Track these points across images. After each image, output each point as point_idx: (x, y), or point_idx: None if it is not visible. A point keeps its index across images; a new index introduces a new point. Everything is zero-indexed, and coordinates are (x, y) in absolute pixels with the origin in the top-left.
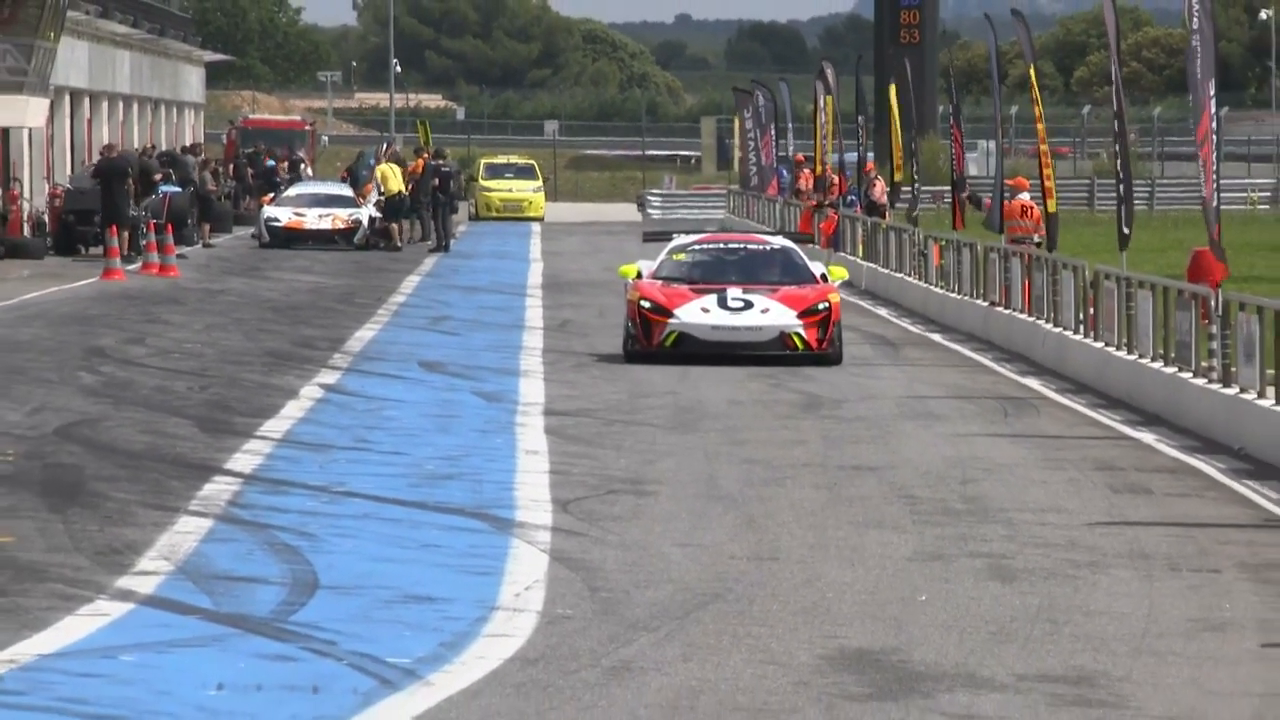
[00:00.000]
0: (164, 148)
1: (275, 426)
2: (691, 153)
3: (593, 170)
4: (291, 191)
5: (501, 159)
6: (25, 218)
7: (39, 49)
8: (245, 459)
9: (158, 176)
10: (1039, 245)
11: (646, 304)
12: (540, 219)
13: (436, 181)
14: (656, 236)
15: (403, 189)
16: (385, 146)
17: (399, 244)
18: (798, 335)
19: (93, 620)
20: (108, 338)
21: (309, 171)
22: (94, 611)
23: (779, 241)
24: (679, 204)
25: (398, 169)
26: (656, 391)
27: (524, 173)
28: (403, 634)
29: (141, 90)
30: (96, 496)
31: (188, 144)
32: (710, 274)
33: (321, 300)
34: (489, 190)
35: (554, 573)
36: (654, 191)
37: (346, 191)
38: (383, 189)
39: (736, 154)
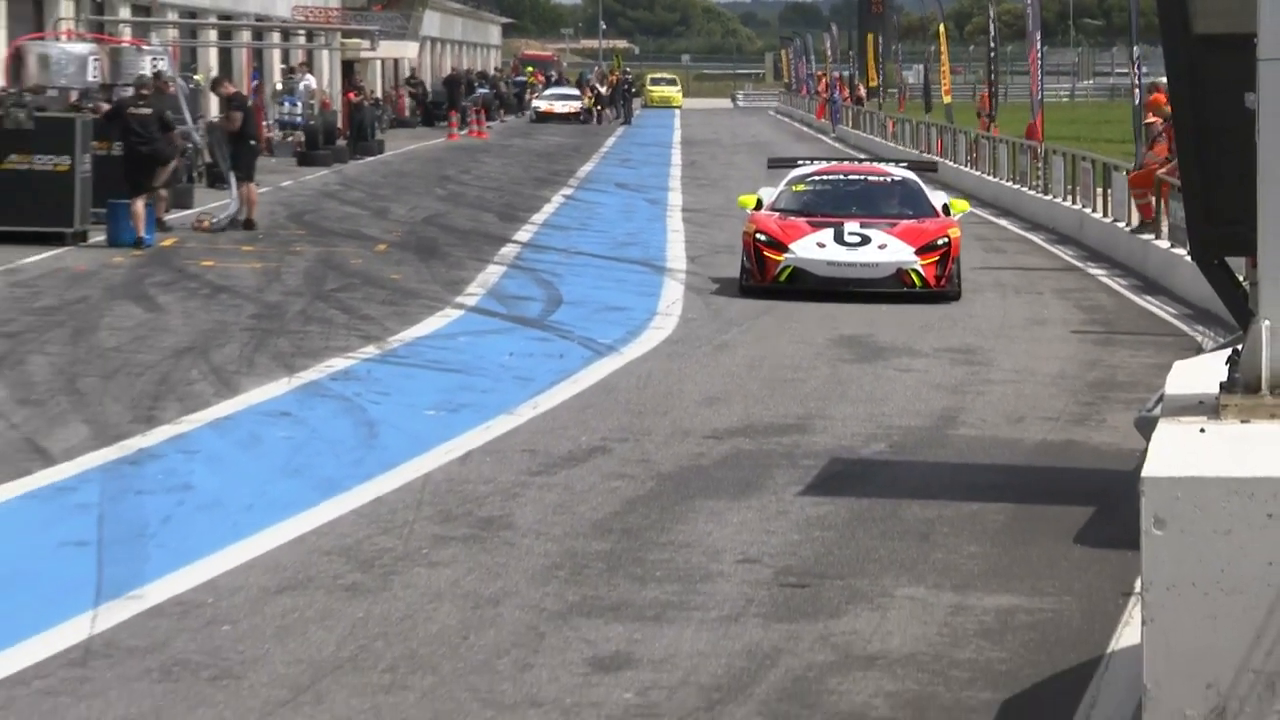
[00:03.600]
0: (479, 69)
1: (538, 217)
2: (759, 71)
3: (707, 81)
4: (546, 92)
5: (659, 75)
6: (405, 106)
7: (413, 16)
8: (523, 234)
9: (476, 84)
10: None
11: (762, 237)
12: (680, 108)
13: (626, 86)
14: (781, 163)
15: (597, 106)
16: (595, 69)
17: (601, 122)
18: (915, 272)
19: (443, 319)
20: (450, 169)
21: (552, 82)
22: (443, 315)
23: (900, 173)
24: (753, 99)
25: (602, 93)
26: None
27: (671, 83)
28: (607, 327)
29: (467, 38)
30: (444, 254)
31: (492, 68)
32: (829, 206)
33: (562, 150)
34: (652, 92)
35: (687, 296)
36: (739, 93)
37: (577, 93)
38: (588, 105)
39: (784, 73)
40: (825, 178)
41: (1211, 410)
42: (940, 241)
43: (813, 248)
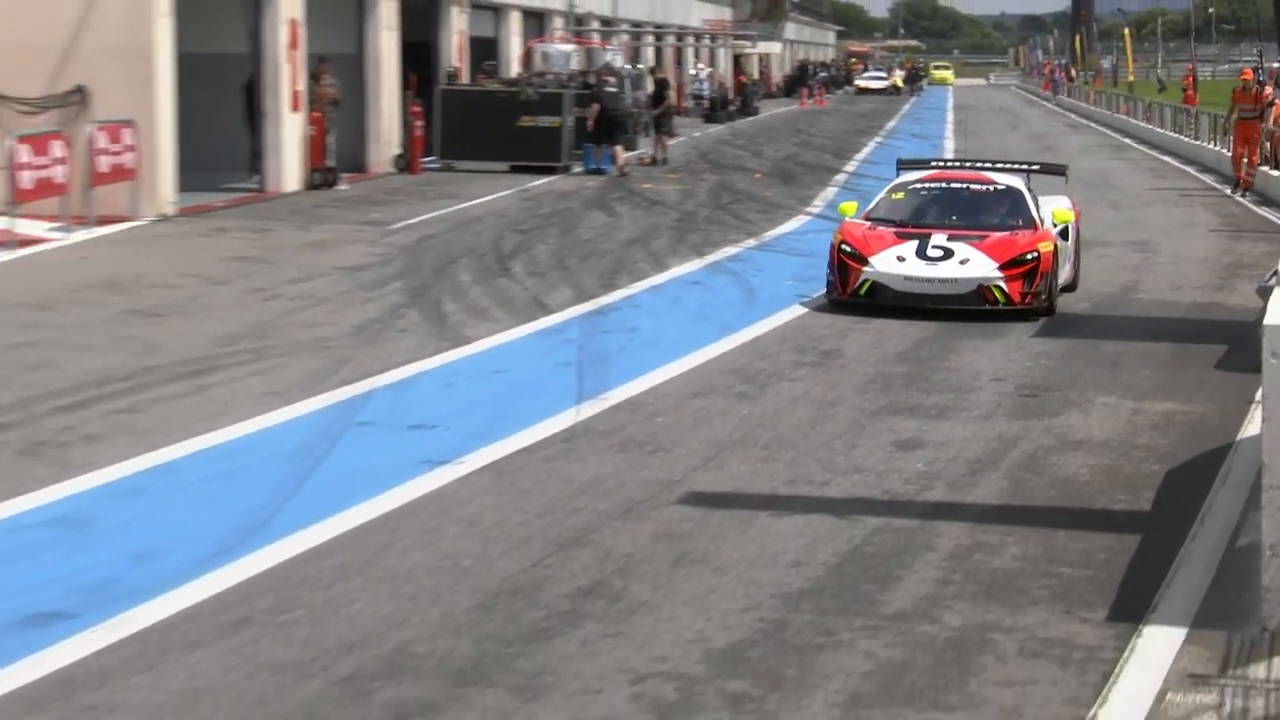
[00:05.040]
0: (820, 60)
1: (859, 156)
2: (1005, 61)
3: (970, 67)
4: (866, 73)
5: (939, 63)
6: (773, 87)
7: (778, 25)
8: (849, 166)
9: (818, 70)
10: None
11: (846, 248)
12: (952, 85)
13: (917, 71)
14: (912, 165)
15: (898, 84)
16: (898, 60)
17: (899, 94)
18: (998, 288)
19: (797, 221)
20: (801, 125)
21: (868, 68)
22: (797, 219)
23: (1006, 181)
24: (1000, 79)
25: (902, 76)
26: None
27: (946, 68)
28: None
29: (813, 40)
30: (798, 179)
31: (829, 59)
32: (922, 217)
33: (873, 114)
34: (934, 74)
35: None
36: (991, 75)
37: (885, 74)
38: (892, 83)
39: (1021, 61)
40: (926, 185)
41: None
42: (1029, 256)
43: (892, 261)
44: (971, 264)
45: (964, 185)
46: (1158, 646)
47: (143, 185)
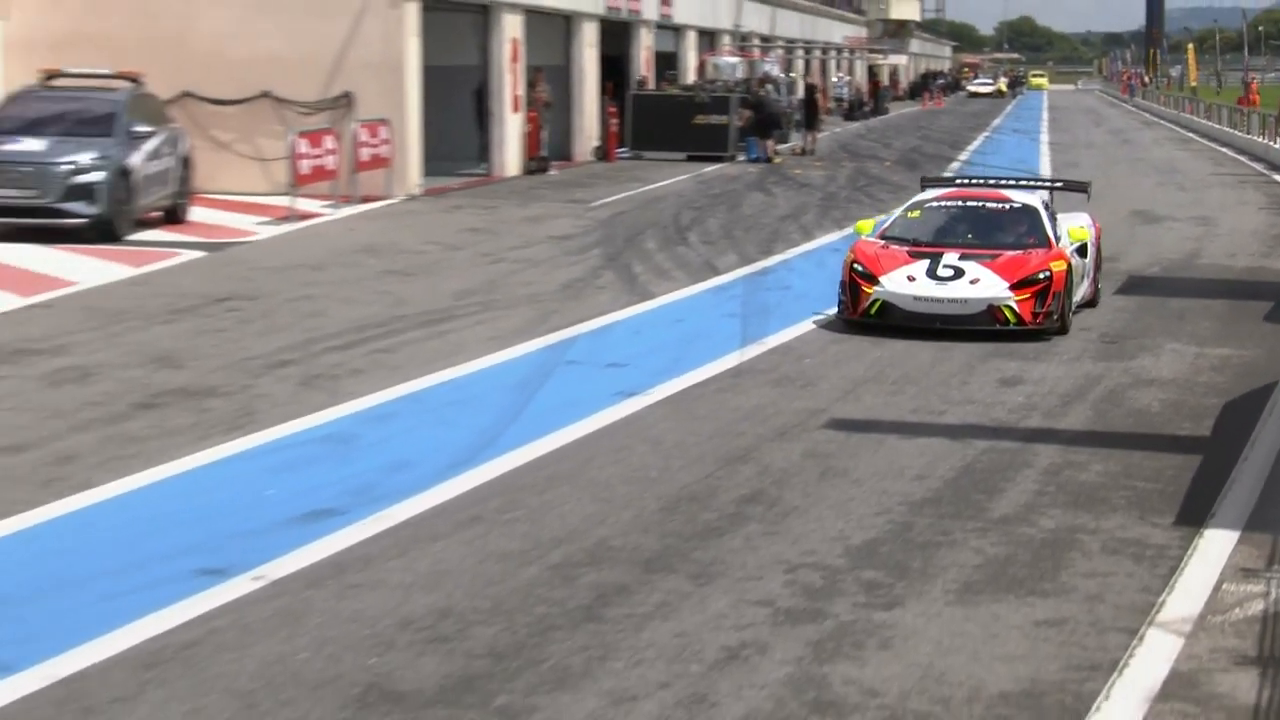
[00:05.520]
0: (937, 70)
1: (971, 147)
2: (1090, 70)
3: (1061, 75)
4: (976, 80)
5: (1036, 71)
6: (900, 91)
7: (905, 40)
8: (962, 155)
9: (935, 78)
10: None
11: (858, 268)
12: (1047, 90)
13: (1018, 78)
14: (935, 182)
15: (1002, 89)
16: (1003, 69)
17: (1006, 96)
18: (1008, 308)
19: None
20: (922, 122)
21: (978, 76)
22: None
23: (1024, 199)
24: (1087, 84)
25: (1005, 82)
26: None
27: (1042, 76)
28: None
29: (934, 54)
30: (921, 166)
31: (945, 69)
32: (937, 235)
33: (982, 113)
34: (1031, 80)
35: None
36: (1079, 81)
37: (991, 81)
38: (997, 88)
39: (1103, 70)
40: (942, 203)
41: None
42: (1041, 275)
43: (902, 281)
44: (982, 284)
45: (980, 204)
46: (1216, 546)
47: (395, 171)
